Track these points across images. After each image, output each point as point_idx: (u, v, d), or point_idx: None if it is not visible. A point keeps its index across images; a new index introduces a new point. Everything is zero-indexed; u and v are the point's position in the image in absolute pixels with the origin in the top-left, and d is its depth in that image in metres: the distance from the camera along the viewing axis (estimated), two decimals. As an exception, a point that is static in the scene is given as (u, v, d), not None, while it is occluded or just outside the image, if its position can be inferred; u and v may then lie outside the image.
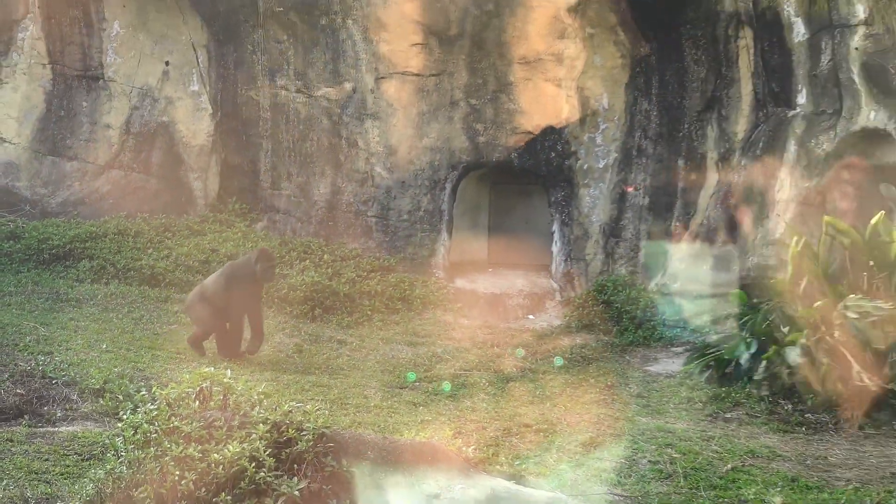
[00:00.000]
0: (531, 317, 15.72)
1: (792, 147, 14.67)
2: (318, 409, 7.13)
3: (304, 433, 6.80)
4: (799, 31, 14.68)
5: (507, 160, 16.26)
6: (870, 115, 14.07)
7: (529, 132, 15.96)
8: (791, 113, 14.88)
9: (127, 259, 15.72)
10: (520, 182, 16.81)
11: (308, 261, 15.83)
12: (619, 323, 14.69)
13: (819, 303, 10.84)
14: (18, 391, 10.15)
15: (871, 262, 11.28)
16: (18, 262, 15.60)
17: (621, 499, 8.13)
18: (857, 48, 14.18)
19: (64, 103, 17.94)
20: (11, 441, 8.54)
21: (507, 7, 15.70)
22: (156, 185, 17.78)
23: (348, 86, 16.75)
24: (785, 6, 14.83)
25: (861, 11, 13.97)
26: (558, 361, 13.63)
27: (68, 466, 8.02)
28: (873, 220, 11.47)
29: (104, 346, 11.89)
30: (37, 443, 8.73)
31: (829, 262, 11.84)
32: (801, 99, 14.85)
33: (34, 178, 17.77)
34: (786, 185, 14.80)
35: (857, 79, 14.15)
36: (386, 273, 15.94)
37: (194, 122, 17.82)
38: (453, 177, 16.62)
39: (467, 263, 16.87)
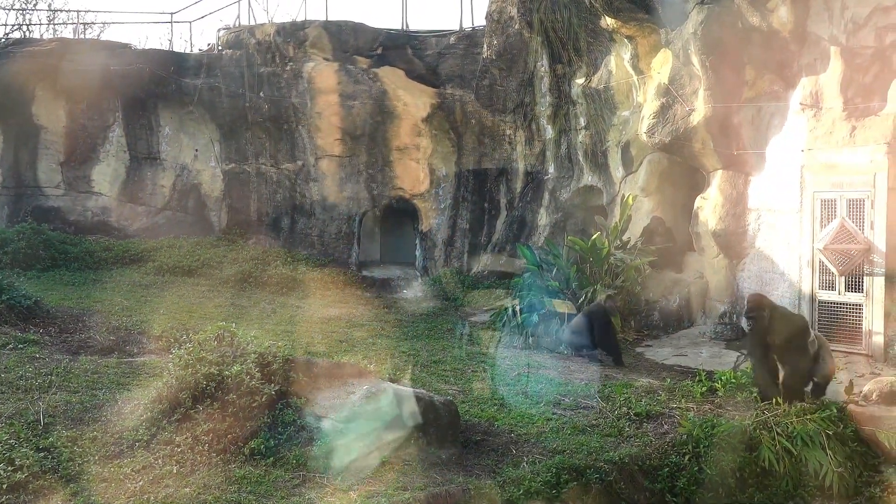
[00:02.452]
0: (405, 291, 19.27)
1: (546, 195, 18.65)
2: (284, 345, 9.41)
3: (277, 359, 8.86)
4: (549, 132, 18.73)
5: (390, 204, 20.15)
6: (588, 177, 17.88)
7: (402, 188, 19.97)
8: (546, 177, 18.88)
9: (174, 261, 19.14)
10: (397, 216, 20.47)
11: (279, 261, 19.34)
12: (453, 294, 18.40)
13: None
14: (111, 337, 12.65)
15: (591, 259, 14.81)
16: (110, 264, 19.47)
17: (456, 391, 10.45)
18: (581, 141, 17.90)
19: (136, 173, 21.75)
20: (107, 366, 10.65)
21: (388, 118, 19.59)
22: (190, 220, 21.40)
23: (300, 163, 20.61)
24: (541, 119, 18.71)
25: (583, 122, 17.75)
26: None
27: (141, 380, 9.90)
28: (594, 237, 15.05)
29: (161, 311, 14.87)
30: (122, 367, 10.77)
31: (568, 258, 15.34)
32: (552, 169, 18.75)
33: (119, 216, 21.63)
34: (544, 217, 18.68)
35: (581, 158, 17.97)
36: (323, 267, 19.34)
37: (213, 183, 21.42)
38: (360, 213, 20.30)
39: (369, 262, 20.53)
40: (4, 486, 6.98)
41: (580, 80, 17.68)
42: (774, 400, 9.48)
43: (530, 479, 7.91)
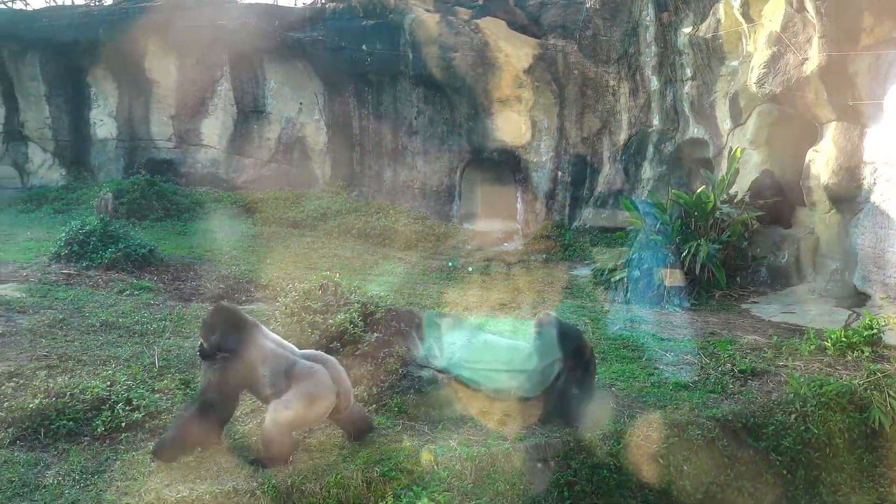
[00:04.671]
0: (506, 244, 19.24)
1: (650, 148, 18.35)
2: (387, 294, 10.12)
3: (379, 308, 9.10)
4: (653, 83, 18.34)
5: (491, 157, 19.99)
6: (694, 130, 17.48)
7: (503, 140, 19.74)
8: (650, 129, 18.48)
9: (280, 212, 19.59)
10: (498, 168, 20.22)
11: (381, 213, 19.59)
12: (555, 248, 18.47)
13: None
14: (221, 285, 13.16)
15: (696, 213, 14.44)
16: (219, 214, 19.66)
17: None
18: (687, 92, 17.48)
19: (243, 126, 22.14)
20: None
21: (489, 70, 19.39)
22: (295, 172, 21.64)
23: (402, 115, 20.65)
24: (645, 70, 18.42)
25: (689, 72, 17.32)
26: (465, 267, 16.83)
27: None
28: (699, 190, 14.64)
29: (268, 261, 15.18)
30: (232, 314, 12.37)
31: (672, 212, 14.69)
32: (656, 121, 18.44)
33: (227, 168, 22.07)
34: (647, 170, 18.43)
35: (686, 109, 17.57)
36: (424, 219, 19.61)
37: (316, 136, 21.63)
38: (461, 166, 20.37)
39: (469, 214, 20.33)
40: (123, 425, 7.32)
41: (687, 29, 17.28)
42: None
43: (631, 434, 7.86)
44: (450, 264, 16.89)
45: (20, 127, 23.02)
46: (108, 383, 8.01)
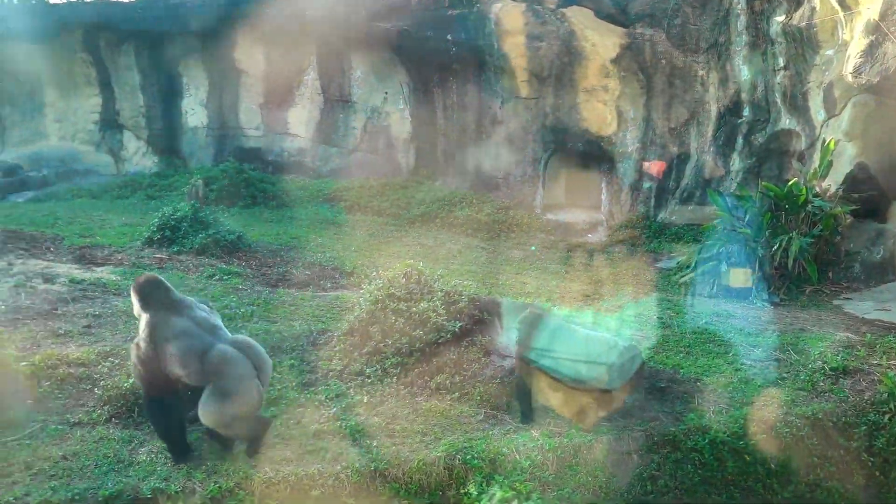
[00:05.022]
0: (589, 235, 19.02)
1: (739, 139, 18.02)
2: (469, 284, 9.93)
3: (462, 297, 9.16)
4: (744, 73, 17.90)
5: (575, 146, 19.80)
6: (786, 121, 17.10)
7: (588, 130, 19.54)
8: (740, 120, 18.07)
9: (364, 201, 19.70)
10: (583, 159, 20.00)
11: (464, 202, 19.47)
12: (639, 240, 18.19)
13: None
14: (307, 272, 13.27)
15: (787, 206, 14.04)
16: (305, 202, 20.06)
17: (641, 337, 10.27)
18: (779, 82, 17.11)
19: (329, 115, 22.36)
20: (303, 299, 11.25)
21: (575, 60, 19.25)
22: (379, 161, 21.72)
23: (486, 105, 20.56)
24: (735, 59, 17.92)
25: (781, 62, 16.96)
26: (532, 248, 17.20)
27: (334, 313, 10.41)
28: (790, 182, 14.33)
29: (352, 249, 15.40)
30: (317, 301, 11.26)
31: (762, 205, 14.40)
32: (746, 112, 17.99)
33: (313, 156, 22.31)
34: (736, 162, 18.10)
35: (778, 100, 17.22)
36: (507, 209, 19.36)
37: (401, 125, 21.70)
38: (545, 156, 20.18)
39: (553, 204, 20.14)
40: (213, 406, 7.46)
41: (780, 18, 16.87)
42: None
43: (716, 429, 7.74)
44: (532, 248, 16.95)
45: (116, 116, 23.68)
46: (199, 365, 8.15)
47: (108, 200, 20.93)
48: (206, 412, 6.47)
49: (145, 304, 6.72)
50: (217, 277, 12.48)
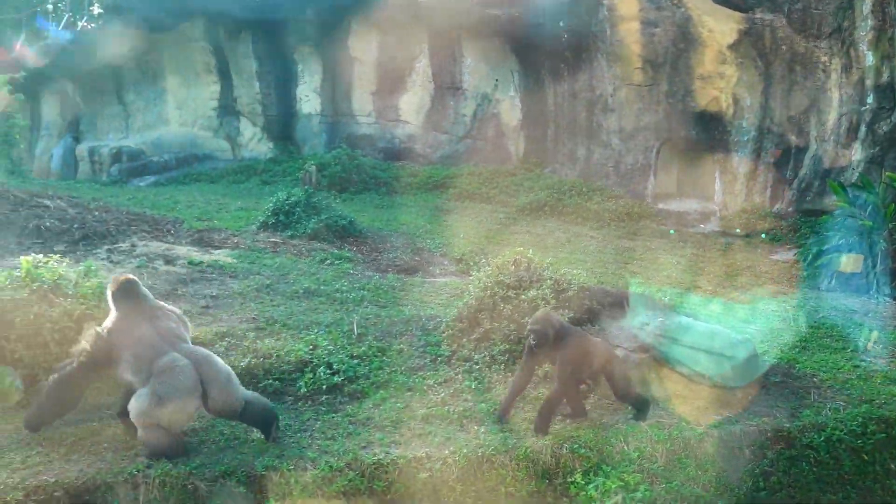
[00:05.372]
0: (702, 226, 18.59)
1: (862, 128, 17.13)
2: (579, 272, 9.90)
3: (572, 285, 9.18)
4: (869, 59, 17.11)
5: (689, 135, 19.40)
6: None
7: (703, 119, 19.12)
8: (863, 108, 17.22)
9: (473, 188, 19.70)
10: (696, 147, 19.49)
11: (573, 191, 19.31)
12: (754, 231, 17.58)
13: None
14: (416, 258, 13.57)
15: None
16: (415, 189, 20.20)
17: (755, 330, 10.04)
18: None
19: (440, 103, 22.59)
20: (412, 285, 11.53)
21: (691, 46, 18.93)
22: (489, 148, 21.86)
23: (598, 92, 20.38)
24: (860, 45, 17.23)
25: None
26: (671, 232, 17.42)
27: (443, 300, 10.72)
28: None
29: (461, 235, 15.38)
30: (425, 287, 11.51)
31: (885, 198, 14.32)
32: (870, 99, 17.15)
33: (423, 143, 22.51)
34: (858, 151, 17.17)
35: None
36: (618, 198, 19.14)
37: (511, 113, 21.78)
38: (657, 144, 19.80)
39: (665, 194, 19.76)
40: (324, 387, 7.69)
41: (909, 0, 15.87)
42: None
43: (833, 427, 7.51)
44: (671, 232, 17.01)
45: (233, 102, 24.28)
46: (311, 347, 8.43)
47: (225, 185, 21.56)
48: (134, 407, 6.47)
49: (116, 304, 6.81)
50: (328, 262, 12.75)
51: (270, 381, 7.79)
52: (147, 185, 21.95)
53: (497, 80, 21.91)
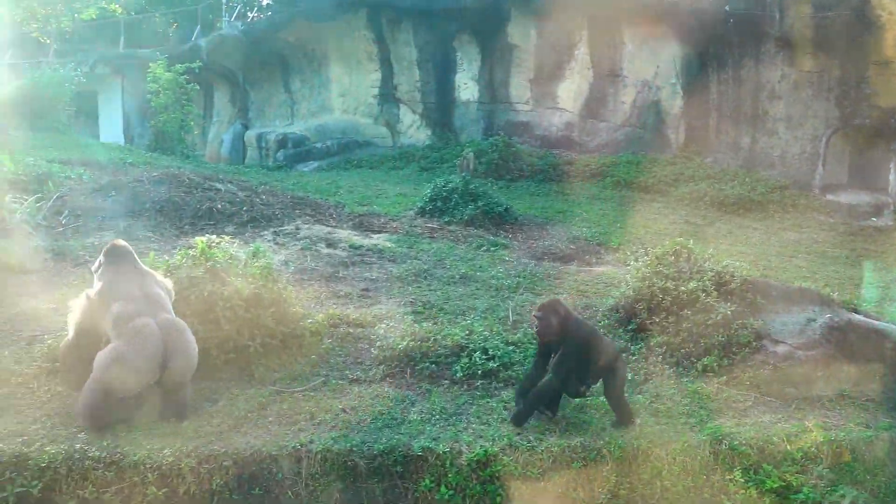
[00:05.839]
0: (874, 219, 17.68)
1: None
2: (742, 265, 9.44)
3: (734, 278, 8.89)
4: None
5: (863, 124, 18.55)
6: None
7: (878, 106, 18.20)
8: None
9: (631, 177, 19.42)
10: (869, 136, 18.61)
11: (736, 181, 18.60)
12: None
13: None
14: (571, 246, 13.37)
15: None
16: (571, 177, 19.88)
17: None
18: None
19: (598, 90, 22.24)
20: (567, 273, 11.43)
21: (867, 30, 17.93)
22: (648, 136, 21.42)
23: (763, 79, 19.63)
24: None
25: None
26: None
27: (598, 289, 10.55)
28: None
29: (617, 225, 15.24)
30: (581, 276, 11.39)
31: None
32: None
33: (581, 131, 22.31)
34: None
35: None
36: (782, 189, 18.37)
37: (672, 100, 21.18)
38: (827, 133, 19.03)
39: (834, 185, 18.95)
40: (479, 373, 7.76)
41: None
42: None
43: None
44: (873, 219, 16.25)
45: (394, 90, 24.84)
46: (467, 332, 8.48)
47: (384, 171, 22.04)
48: (96, 362, 6.58)
49: (107, 264, 7.02)
50: (484, 248, 12.85)
51: (427, 364, 7.91)
52: (310, 170, 22.71)
53: (658, 66, 21.36)
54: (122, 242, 7.29)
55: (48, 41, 33.94)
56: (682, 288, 8.70)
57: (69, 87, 23.26)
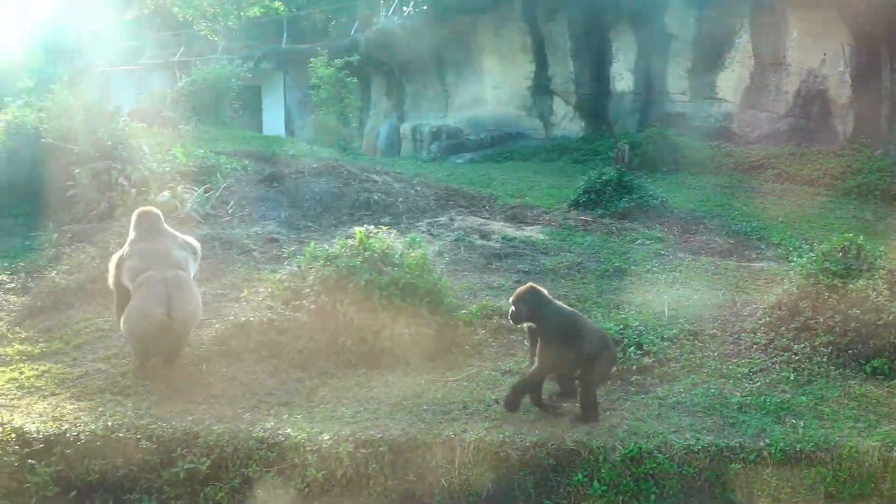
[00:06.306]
0: None
1: None
2: None
3: None
4: None
5: None
6: None
7: None
8: None
9: (794, 169, 18.43)
10: None
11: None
12: None
13: None
14: (730, 241, 13.04)
15: None
16: (730, 169, 19.22)
17: None
18: None
19: (759, 79, 21.39)
20: (726, 269, 11.13)
21: None
22: (812, 127, 20.58)
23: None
24: None
25: None
26: None
27: (759, 285, 10.29)
28: None
29: (779, 219, 14.77)
30: (741, 271, 11.12)
31: None
32: None
33: (740, 122, 21.63)
34: None
35: None
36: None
37: (839, 89, 20.23)
38: None
39: None
40: (634, 368, 7.68)
41: None
42: None
43: None
44: None
45: (547, 82, 24.70)
46: (621, 327, 8.40)
47: (537, 163, 21.95)
48: (122, 321, 7.63)
49: (135, 230, 7.98)
50: (639, 242, 12.67)
51: (581, 358, 7.82)
52: (463, 162, 22.88)
53: (825, 54, 20.36)
54: (148, 209, 8.23)
55: (216, 39, 35.54)
56: (851, 286, 8.29)
57: (235, 83, 24.24)
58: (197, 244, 8.36)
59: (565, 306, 7.27)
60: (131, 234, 8.02)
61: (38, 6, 32.03)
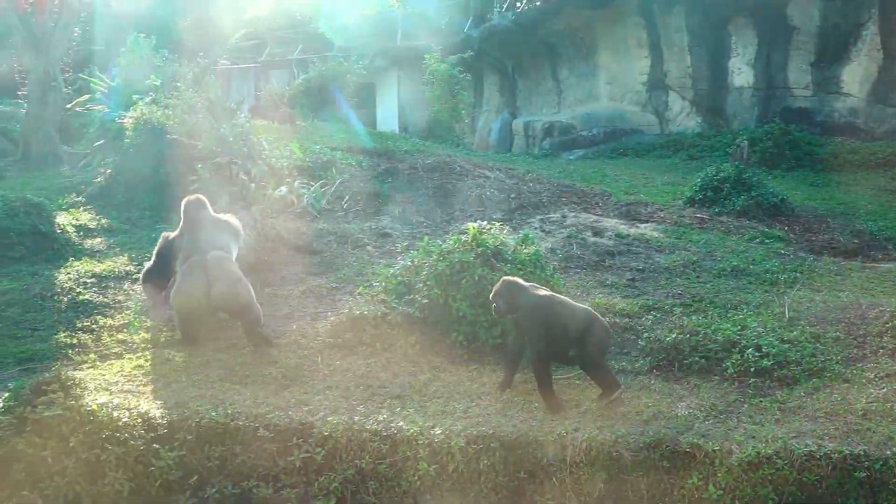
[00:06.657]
0: None
1: None
2: None
3: None
4: None
5: None
6: None
7: None
8: None
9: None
10: None
11: None
12: None
13: None
14: (855, 240, 12.71)
15: None
16: (855, 166, 18.58)
17: None
18: None
19: (888, 73, 20.33)
20: (851, 269, 10.88)
21: None
22: None
23: None
24: None
25: None
26: None
27: (886, 287, 9.85)
28: None
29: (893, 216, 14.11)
30: (866, 272, 10.69)
31: None
32: None
33: (867, 117, 20.82)
34: None
35: None
36: None
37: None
38: None
39: None
40: (752, 370, 7.45)
41: None
42: None
43: None
44: None
45: (663, 77, 24.24)
46: (739, 327, 8.17)
47: (651, 159, 21.63)
48: (171, 300, 8.49)
49: (183, 216, 8.72)
50: (758, 240, 12.36)
51: (696, 359, 7.70)
52: (576, 158, 22.73)
53: None
54: (194, 197, 8.92)
55: (332, 37, 36.09)
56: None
57: (350, 80, 24.62)
58: (238, 225, 9.15)
59: (541, 292, 7.26)
60: (181, 221, 8.76)
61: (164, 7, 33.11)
